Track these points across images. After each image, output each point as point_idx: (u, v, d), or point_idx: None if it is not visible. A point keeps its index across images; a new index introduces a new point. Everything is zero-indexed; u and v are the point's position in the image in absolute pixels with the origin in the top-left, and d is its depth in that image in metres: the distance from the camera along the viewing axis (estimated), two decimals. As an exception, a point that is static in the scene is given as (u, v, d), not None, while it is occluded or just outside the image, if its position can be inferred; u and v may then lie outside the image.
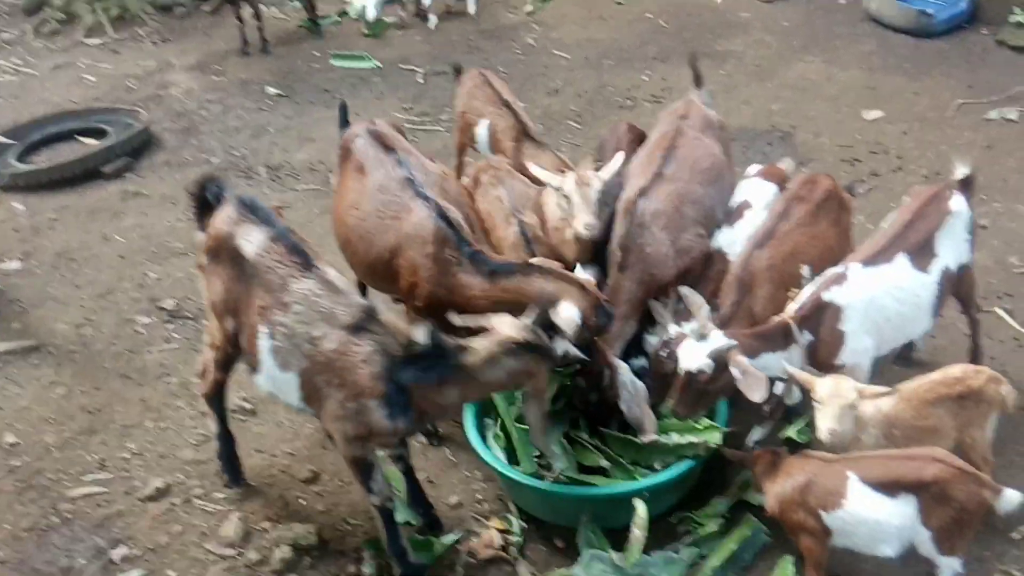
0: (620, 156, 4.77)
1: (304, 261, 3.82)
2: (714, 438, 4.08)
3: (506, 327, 3.70)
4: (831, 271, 4.23)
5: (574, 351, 3.90)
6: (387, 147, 4.74)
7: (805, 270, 4.44)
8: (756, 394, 3.81)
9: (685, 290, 4.28)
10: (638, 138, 5.46)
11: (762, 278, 4.36)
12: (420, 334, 3.60)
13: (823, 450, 3.75)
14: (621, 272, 4.53)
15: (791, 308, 4.14)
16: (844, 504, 3.51)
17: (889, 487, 3.44)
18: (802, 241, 4.47)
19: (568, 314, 3.96)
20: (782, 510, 3.69)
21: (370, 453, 3.79)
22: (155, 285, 6.27)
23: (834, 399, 3.66)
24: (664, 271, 4.63)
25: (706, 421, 4.13)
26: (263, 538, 4.21)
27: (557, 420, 4.31)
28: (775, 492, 3.70)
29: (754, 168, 5.30)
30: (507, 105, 6.03)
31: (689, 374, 3.94)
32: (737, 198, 5.05)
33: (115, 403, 5.14)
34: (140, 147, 8.08)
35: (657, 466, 4.14)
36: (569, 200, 4.50)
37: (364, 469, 3.81)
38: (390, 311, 3.79)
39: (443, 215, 4.35)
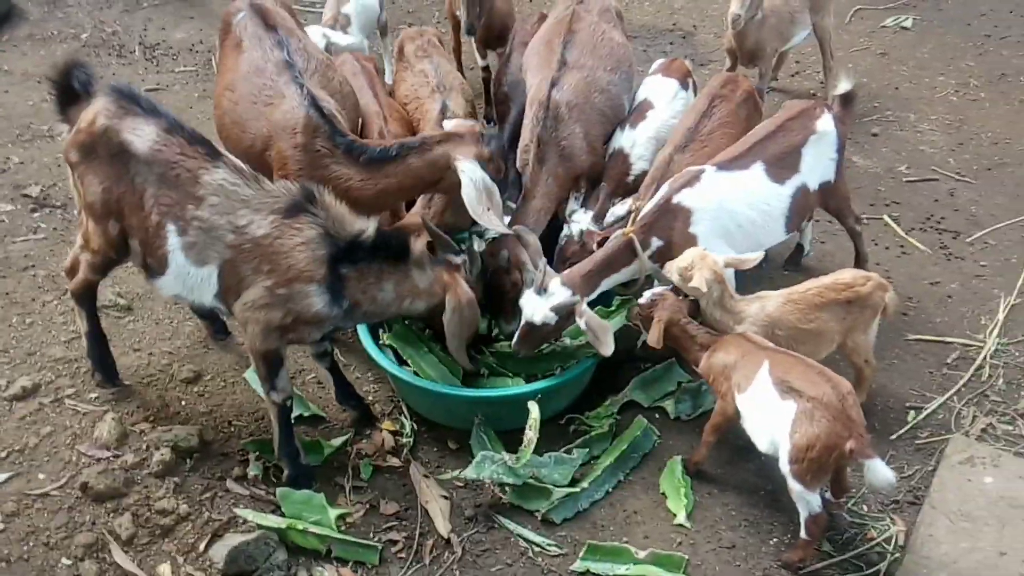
0: None
1: (209, 150, 3.59)
2: (626, 314, 4.23)
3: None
4: (687, 171, 4.18)
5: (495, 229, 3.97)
6: (269, 25, 4.40)
7: None
8: (605, 348, 3.79)
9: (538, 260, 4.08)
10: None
11: None
12: (368, 224, 3.53)
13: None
14: (539, 165, 4.44)
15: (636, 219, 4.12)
16: (748, 390, 3.59)
17: (783, 387, 3.47)
18: (723, 144, 4.38)
19: (468, 168, 3.88)
20: (713, 378, 3.78)
21: (284, 346, 3.67)
22: (18, 170, 5.82)
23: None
24: (578, 164, 4.59)
25: (617, 300, 4.26)
26: (141, 440, 4.00)
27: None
28: (712, 361, 3.77)
29: (656, 64, 5.22)
30: None
31: (531, 324, 3.93)
32: (638, 97, 4.97)
33: (-25, 297, 4.79)
34: (0, 19, 7.41)
35: (557, 371, 4.13)
36: None
37: (273, 363, 3.67)
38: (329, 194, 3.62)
39: (315, 104, 4.08)
